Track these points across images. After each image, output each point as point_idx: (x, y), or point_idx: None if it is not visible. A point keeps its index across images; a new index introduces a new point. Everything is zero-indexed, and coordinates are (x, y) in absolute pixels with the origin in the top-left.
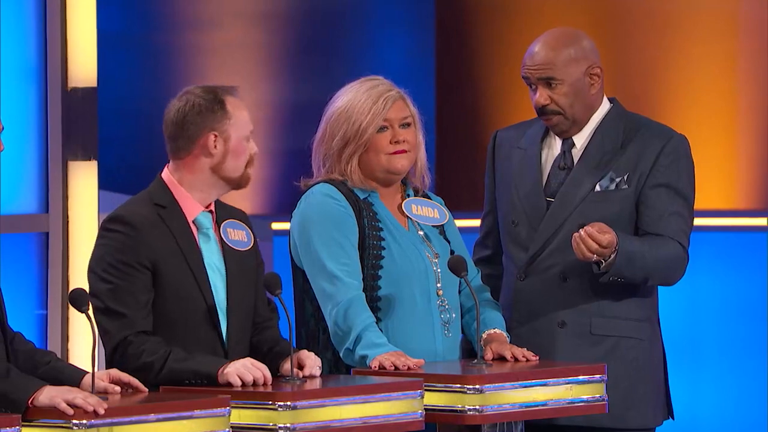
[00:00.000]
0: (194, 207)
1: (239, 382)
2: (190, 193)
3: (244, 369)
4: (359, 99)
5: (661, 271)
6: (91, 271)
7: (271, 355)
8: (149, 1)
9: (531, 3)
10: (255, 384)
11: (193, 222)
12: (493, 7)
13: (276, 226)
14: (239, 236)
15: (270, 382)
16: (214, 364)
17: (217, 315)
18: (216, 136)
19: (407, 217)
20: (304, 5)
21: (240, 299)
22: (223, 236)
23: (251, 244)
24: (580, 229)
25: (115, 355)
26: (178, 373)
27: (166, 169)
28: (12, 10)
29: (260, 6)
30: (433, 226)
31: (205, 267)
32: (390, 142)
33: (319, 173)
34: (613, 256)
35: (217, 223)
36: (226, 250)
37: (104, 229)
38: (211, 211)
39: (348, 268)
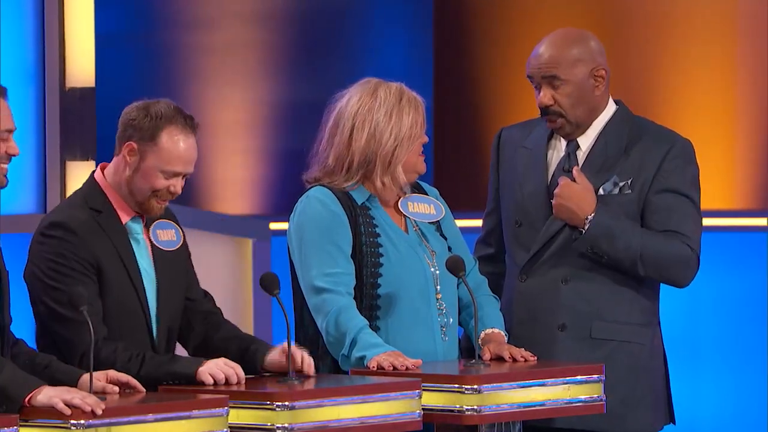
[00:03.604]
0: (128, 211)
1: (212, 382)
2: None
3: (217, 368)
4: (404, 123)
5: (655, 262)
6: (34, 278)
7: (248, 354)
8: (147, 1)
9: (529, 3)
10: (228, 383)
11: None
12: (492, 7)
13: (274, 226)
14: (168, 236)
15: (243, 381)
16: (192, 364)
17: (150, 318)
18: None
19: (404, 216)
20: (303, 5)
21: (169, 304)
22: (152, 239)
23: (181, 242)
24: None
25: (83, 362)
26: (155, 376)
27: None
28: (10, 10)
29: (258, 6)
30: (430, 222)
31: (140, 271)
32: (419, 154)
33: (321, 167)
34: (587, 225)
35: (146, 227)
36: (156, 253)
37: (42, 235)
38: (140, 216)
39: (334, 278)
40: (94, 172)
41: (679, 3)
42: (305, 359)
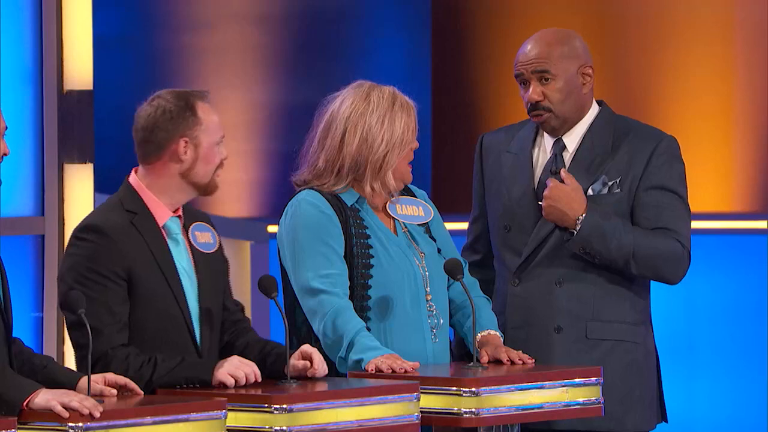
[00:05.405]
0: (164, 212)
1: (232, 382)
2: (159, 198)
3: (234, 368)
4: (396, 129)
5: (648, 260)
6: (62, 282)
7: (271, 357)
8: (145, 4)
9: (526, 5)
10: (247, 381)
11: (163, 227)
12: (489, 9)
13: (272, 228)
14: (206, 238)
15: (260, 379)
16: (204, 367)
17: (191, 321)
18: (186, 142)
19: (393, 218)
20: (300, 7)
21: (211, 304)
22: (191, 240)
23: (217, 246)
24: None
25: (94, 370)
26: (170, 382)
27: (133, 173)
28: (8, 13)
29: (256, 8)
30: (419, 224)
31: (178, 273)
32: (408, 162)
33: (311, 169)
34: (579, 226)
35: (185, 227)
36: (196, 254)
37: (76, 237)
38: (179, 216)
39: (330, 279)
40: (128, 176)
41: (677, 7)
42: (315, 360)
